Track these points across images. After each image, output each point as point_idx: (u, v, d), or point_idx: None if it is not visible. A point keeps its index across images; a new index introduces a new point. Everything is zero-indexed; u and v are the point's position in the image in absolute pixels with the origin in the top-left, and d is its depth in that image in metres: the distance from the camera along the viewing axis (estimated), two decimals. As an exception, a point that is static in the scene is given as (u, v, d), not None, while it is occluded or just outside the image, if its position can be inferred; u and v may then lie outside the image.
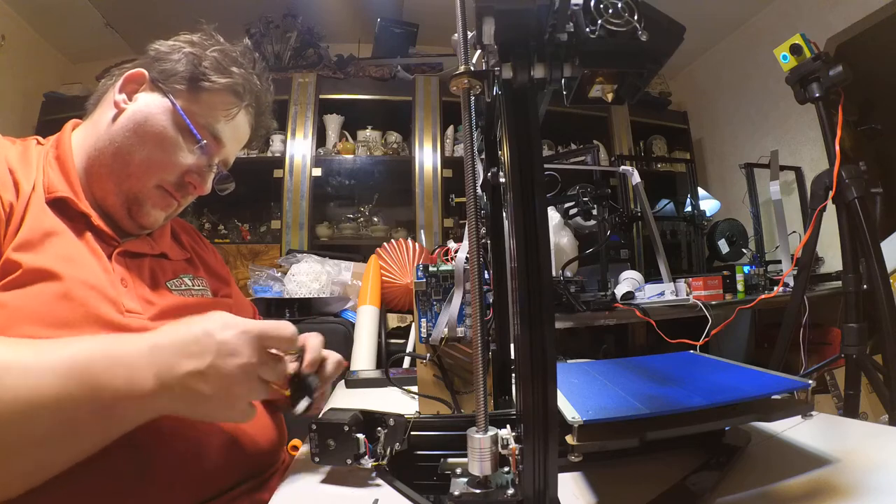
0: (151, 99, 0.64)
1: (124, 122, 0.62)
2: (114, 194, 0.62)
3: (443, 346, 0.59)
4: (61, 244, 0.53)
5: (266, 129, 0.77)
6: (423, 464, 0.47)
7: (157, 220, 0.66)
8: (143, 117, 0.62)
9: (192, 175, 0.65)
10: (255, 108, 0.71)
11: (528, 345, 0.32)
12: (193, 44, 0.66)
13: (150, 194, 0.63)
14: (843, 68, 1.17)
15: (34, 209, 0.53)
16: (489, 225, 0.59)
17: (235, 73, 0.66)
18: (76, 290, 0.50)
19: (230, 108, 0.67)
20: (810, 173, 2.19)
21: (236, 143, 0.71)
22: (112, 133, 0.62)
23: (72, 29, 2.55)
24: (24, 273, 0.48)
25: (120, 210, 0.63)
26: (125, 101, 0.63)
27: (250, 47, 0.72)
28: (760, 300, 1.62)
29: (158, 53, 0.66)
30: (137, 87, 0.65)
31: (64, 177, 0.59)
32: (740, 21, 2.81)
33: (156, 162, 0.63)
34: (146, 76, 0.64)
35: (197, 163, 0.65)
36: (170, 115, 0.63)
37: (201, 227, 2.50)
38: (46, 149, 0.62)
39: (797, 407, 0.44)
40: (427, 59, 2.76)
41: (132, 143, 0.62)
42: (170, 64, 0.64)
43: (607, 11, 0.31)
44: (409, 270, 1.70)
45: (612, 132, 2.83)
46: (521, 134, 0.34)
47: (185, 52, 0.65)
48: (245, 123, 0.71)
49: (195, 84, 0.64)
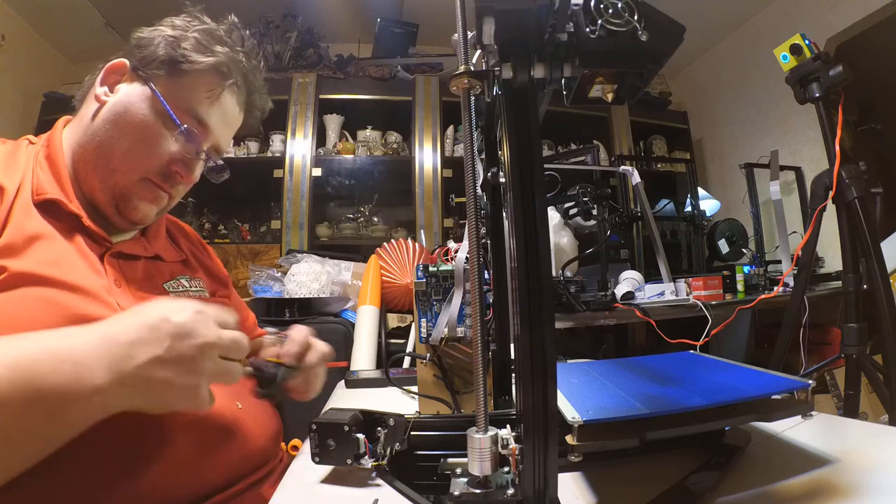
0: (132, 89, 0.61)
1: (105, 114, 0.60)
2: (100, 191, 0.60)
3: (443, 346, 0.59)
4: (47, 248, 0.52)
5: (260, 109, 0.73)
6: (423, 464, 0.47)
7: (148, 214, 0.63)
8: (122, 108, 0.60)
9: (177, 164, 0.62)
10: (243, 86, 0.68)
11: (528, 345, 0.32)
12: (175, 27, 0.64)
13: (135, 188, 0.61)
14: (843, 68, 1.17)
15: (19, 213, 0.52)
16: (489, 225, 0.59)
17: (218, 51, 0.63)
18: (60, 294, 0.49)
19: (213, 89, 0.63)
20: (810, 173, 2.19)
21: (226, 127, 0.68)
22: (94, 128, 0.60)
23: (72, 29, 2.55)
24: (8, 277, 0.47)
25: (108, 206, 0.61)
26: (106, 93, 0.61)
27: (237, 24, 0.68)
28: (760, 300, 1.62)
29: (140, 41, 0.63)
30: (119, 77, 0.62)
31: (54, 177, 0.58)
32: (740, 21, 2.81)
33: (138, 154, 0.60)
34: (127, 66, 0.62)
35: (182, 150, 0.62)
36: (149, 102, 0.60)
37: (201, 227, 2.50)
38: (37, 148, 0.60)
39: (797, 407, 0.44)
40: (427, 59, 2.76)
41: (113, 136, 0.59)
42: (150, 50, 0.62)
43: (607, 11, 0.31)
44: (409, 270, 1.70)
45: (612, 132, 2.83)
46: (521, 134, 0.34)
47: (164, 35, 0.62)
48: (234, 104, 0.67)
49: (175, 67, 0.61)
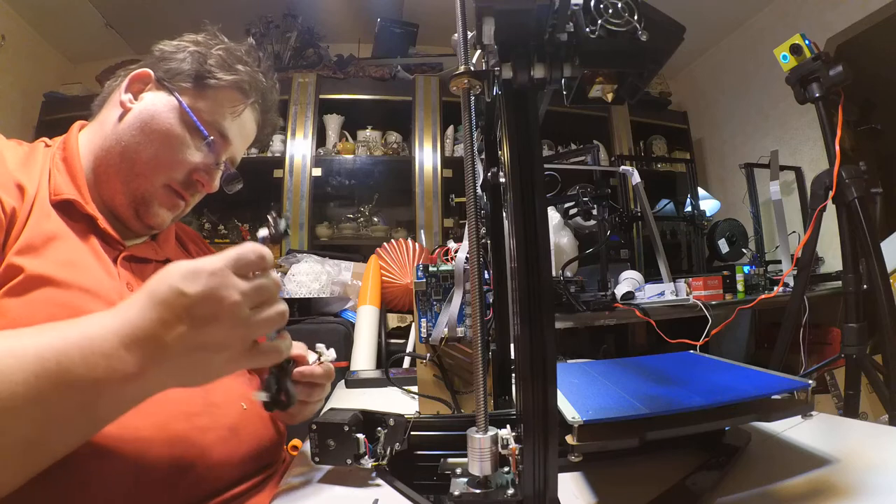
0: (157, 97, 0.64)
1: (131, 120, 0.62)
2: (121, 194, 0.62)
3: (443, 346, 0.59)
4: (64, 248, 0.53)
5: (272, 126, 0.77)
6: (423, 464, 0.47)
7: (165, 220, 0.66)
8: (149, 115, 0.62)
9: (199, 173, 0.65)
10: (261, 105, 0.72)
11: (528, 345, 0.32)
12: (198, 43, 0.67)
13: (157, 193, 0.63)
14: (843, 68, 1.17)
15: (38, 212, 0.53)
16: (489, 225, 0.59)
17: (241, 70, 0.67)
18: (75, 297, 0.50)
19: (236, 105, 0.67)
20: (810, 173, 2.19)
21: (243, 141, 0.72)
22: (119, 132, 0.62)
23: (72, 29, 2.55)
24: (25, 279, 0.48)
25: (127, 210, 0.63)
26: (131, 100, 0.64)
27: (254, 45, 0.72)
28: (760, 300, 1.62)
29: (163, 53, 0.66)
30: (143, 86, 0.65)
31: (71, 179, 0.59)
32: (740, 21, 2.81)
33: (163, 160, 0.62)
34: (151, 76, 0.65)
35: (204, 160, 0.65)
36: (176, 112, 0.63)
37: (201, 227, 2.50)
38: (53, 150, 0.61)
39: (797, 407, 0.44)
40: (427, 59, 2.76)
41: (139, 142, 0.62)
42: (175, 63, 0.65)
43: (607, 11, 0.31)
44: (409, 270, 1.70)
45: (612, 132, 2.83)
46: (521, 134, 0.34)
47: (189, 50, 0.65)
48: (251, 121, 0.71)
49: (201, 82, 0.64)
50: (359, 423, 0.47)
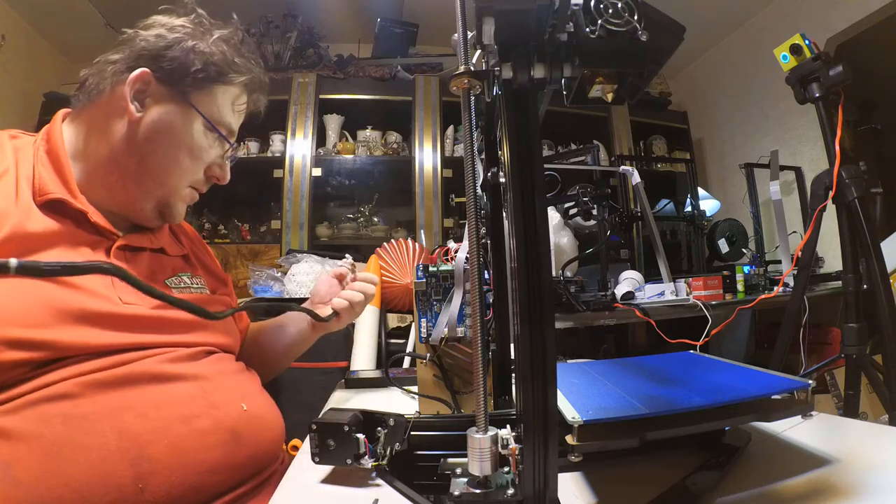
0: (169, 107, 0.63)
1: (145, 133, 0.61)
2: (143, 200, 0.64)
3: (443, 346, 0.59)
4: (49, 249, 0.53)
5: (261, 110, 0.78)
6: (423, 464, 0.47)
7: (182, 214, 0.70)
8: (166, 129, 0.62)
9: (214, 168, 0.70)
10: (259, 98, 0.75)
11: (528, 345, 0.32)
12: (190, 34, 0.64)
13: (182, 195, 0.68)
14: (843, 68, 1.16)
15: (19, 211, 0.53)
16: (489, 225, 0.59)
17: (242, 66, 0.68)
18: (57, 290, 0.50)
19: (242, 103, 0.71)
20: (810, 173, 2.19)
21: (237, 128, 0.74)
22: (135, 145, 0.61)
23: (72, 29, 2.55)
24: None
25: (151, 212, 0.65)
26: (138, 109, 0.61)
27: (238, 24, 0.71)
28: (760, 300, 1.62)
29: (154, 47, 0.62)
30: (145, 87, 0.62)
31: (57, 174, 0.58)
32: (740, 21, 2.81)
33: (187, 168, 0.66)
34: (151, 76, 0.62)
35: (219, 156, 0.69)
36: (194, 122, 0.64)
37: (201, 227, 2.50)
38: (37, 143, 0.60)
39: (797, 407, 0.44)
40: (427, 59, 2.76)
41: (158, 154, 0.63)
42: (175, 62, 0.62)
43: (607, 11, 0.31)
44: (409, 270, 1.70)
45: (612, 132, 2.83)
46: (521, 134, 0.34)
47: (186, 46, 0.62)
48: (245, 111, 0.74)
49: (209, 84, 0.65)
50: (359, 423, 0.47)
